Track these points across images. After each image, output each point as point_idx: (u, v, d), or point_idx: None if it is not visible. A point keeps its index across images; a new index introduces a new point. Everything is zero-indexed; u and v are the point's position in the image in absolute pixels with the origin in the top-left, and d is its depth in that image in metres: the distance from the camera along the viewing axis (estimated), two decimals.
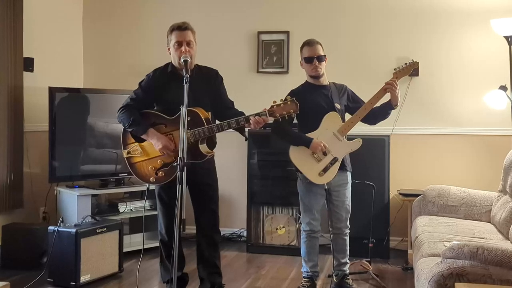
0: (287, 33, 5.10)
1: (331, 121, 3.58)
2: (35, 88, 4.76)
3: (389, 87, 3.53)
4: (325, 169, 3.55)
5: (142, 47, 5.41)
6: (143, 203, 4.48)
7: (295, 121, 3.65)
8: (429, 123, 4.86)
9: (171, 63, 3.45)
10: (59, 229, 3.85)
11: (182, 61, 3.20)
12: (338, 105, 3.64)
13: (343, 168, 3.64)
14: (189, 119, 3.05)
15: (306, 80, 3.74)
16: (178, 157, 2.83)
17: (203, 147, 3.32)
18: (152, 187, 3.54)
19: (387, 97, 3.58)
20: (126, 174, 4.65)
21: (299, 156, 3.58)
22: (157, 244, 3.93)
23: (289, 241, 4.76)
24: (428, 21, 4.85)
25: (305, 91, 3.66)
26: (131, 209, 4.78)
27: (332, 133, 3.57)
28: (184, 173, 2.79)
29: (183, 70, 3.14)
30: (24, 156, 4.64)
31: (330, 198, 3.68)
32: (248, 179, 4.85)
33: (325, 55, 3.65)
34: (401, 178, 4.78)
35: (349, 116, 3.68)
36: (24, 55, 4.62)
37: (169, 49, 3.40)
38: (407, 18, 4.89)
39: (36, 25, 4.86)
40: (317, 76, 3.65)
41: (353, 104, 3.72)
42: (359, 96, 3.77)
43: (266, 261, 4.55)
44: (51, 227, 3.90)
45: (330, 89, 3.69)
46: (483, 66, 4.73)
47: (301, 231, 3.84)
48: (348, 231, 3.77)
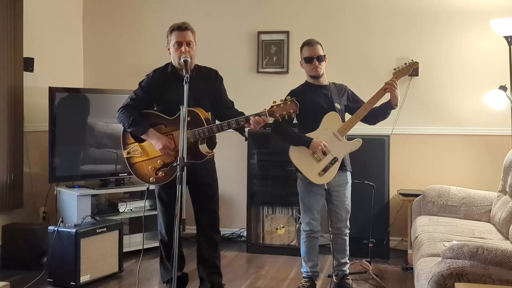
0: (287, 33, 5.10)
1: (331, 121, 3.58)
2: (35, 88, 4.76)
3: (388, 87, 3.53)
4: (325, 169, 3.55)
5: (142, 47, 5.41)
6: (143, 203, 4.48)
7: (295, 121, 3.65)
8: (429, 123, 4.86)
9: (171, 63, 3.45)
10: (59, 229, 3.85)
11: (182, 61, 3.20)
12: (338, 105, 3.64)
13: (343, 168, 3.64)
14: (189, 119, 3.05)
15: (306, 80, 3.74)
16: (178, 157, 2.83)
17: (203, 147, 3.32)
18: (152, 187, 3.54)
19: (387, 97, 3.58)
20: (126, 174, 4.65)
21: (299, 156, 3.58)
22: (157, 244, 3.93)
23: (289, 241, 4.76)
24: (428, 21, 4.85)
25: (305, 91, 3.66)
26: (131, 209, 4.78)
27: (332, 133, 3.57)
28: (184, 173, 2.79)
29: (183, 70, 3.14)
30: (24, 156, 4.64)
31: (330, 198, 3.69)
32: (248, 179, 4.85)
33: (325, 55, 3.65)
34: (401, 178, 4.78)
35: (349, 116, 3.68)
36: (24, 55, 4.62)
37: (169, 49, 3.40)
38: (407, 18, 4.89)
39: (36, 25, 4.86)
40: (317, 76, 3.65)
41: (353, 104, 3.72)
42: (359, 96, 3.77)
43: (266, 261, 4.55)
44: (51, 227, 3.90)
45: (330, 89, 3.69)
46: (483, 66, 4.73)
47: (301, 231, 3.84)
48: (348, 231, 3.77)
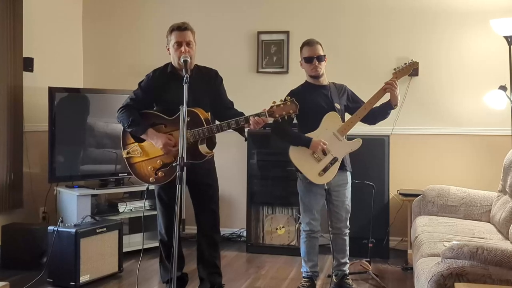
0: (287, 33, 5.10)
1: (331, 121, 3.58)
2: (35, 88, 4.76)
3: (388, 87, 3.53)
4: (325, 169, 3.55)
5: (142, 47, 5.41)
6: (143, 203, 4.46)
7: (295, 121, 3.65)
8: (428, 123, 4.86)
9: (170, 63, 3.45)
10: (59, 229, 3.85)
11: (182, 61, 3.20)
12: (338, 105, 3.64)
13: (343, 168, 3.64)
14: (188, 120, 3.05)
15: (306, 80, 3.74)
16: (177, 157, 2.83)
17: (202, 148, 3.32)
18: (152, 187, 3.54)
19: (386, 97, 3.58)
20: (126, 174, 4.65)
21: (299, 156, 3.58)
22: (156, 244, 3.93)
23: (288, 241, 4.76)
24: (427, 21, 4.85)
25: (304, 91, 3.66)
26: (131, 209, 4.78)
27: (332, 133, 3.57)
28: (184, 173, 2.79)
29: (183, 70, 3.14)
30: (24, 156, 4.63)
31: (330, 198, 3.68)
32: (248, 179, 4.85)
33: (325, 55, 3.65)
34: (401, 178, 4.78)
35: (348, 116, 3.68)
36: (24, 55, 4.62)
37: (168, 49, 3.40)
38: (407, 18, 4.89)
39: (36, 25, 4.86)
40: (317, 76, 3.65)
41: (353, 104, 3.72)
42: (359, 96, 3.77)
43: (265, 261, 4.55)
44: (50, 227, 3.90)
45: (329, 89, 3.69)
46: (483, 66, 4.73)
47: (300, 231, 3.84)
48: (348, 231, 3.77)
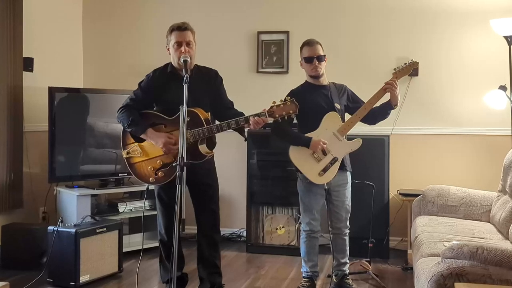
0: (287, 33, 5.10)
1: (331, 121, 3.58)
2: (35, 88, 4.76)
3: (388, 87, 3.53)
4: (325, 169, 3.55)
5: (142, 47, 5.41)
6: (143, 203, 4.45)
7: (295, 121, 3.65)
8: (428, 123, 4.86)
9: (170, 63, 3.45)
10: (59, 229, 3.85)
11: (182, 61, 3.20)
12: (338, 105, 3.64)
13: (343, 168, 3.64)
14: (188, 120, 3.05)
15: (306, 80, 3.74)
16: (177, 157, 2.83)
17: (202, 148, 3.32)
18: (152, 187, 3.54)
19: (387, 97, 3.58)
20: (126, 174, 4.65)
21: (299, 156, 3.58)
22: (156, 244, 3.93)
23: (288, 241, 4.76)
24: (427, 21, 4.85)
25: (304, 91, 3.66)
26: (131, 209, 4.78)
27: (332, 133, 3.57)
28: (184, 173, 2.79)
29: (183, 70, 3.13)
30: (23, 156, 4.63)
31: (330, 198, 3.68)
32: (248, 179, 4.84)
33: (325, 55, 3.65)
34: (400, 178, 4.78)
35: (348, 116, 3.68)
36: (24, 55, 4.61)
37: (168, 49, 3.40)
38: (407, 18, 4.89)
39: (36, 25, 4.86)
40: (317, 76, 3.65)
41: (353, 104, 3.72)
42: (359, 96, 3.77)
43: (265, 261, 4.55)
44: (50, 227, 3.90)
45: (330, 89, 3.69)
46: (483, 66, 4.73)
47: (300, 231, 3.84)
48: (347, 231, 3.77)
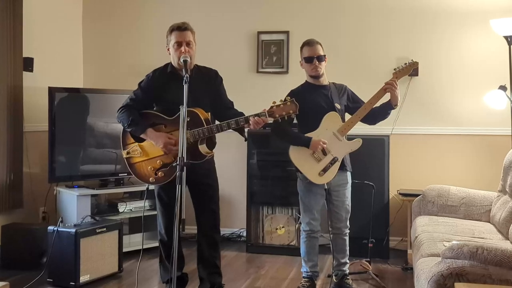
0: (287, 33, 5.10)
1: (331, 121, 3.58)
2: (35, 88, 4.76)
3: (389, 87, 3.53)
4: (325, 169, 3.55)
5: (142, 47, 5.40)
6: (143, 203, 4.46)
7: (295, 121, 3.65)
8: (429, 123, 4.86)
9: (170, 63, 3.45)
10: (59, 229, 3.85)
11: (182, 61, 3.20)
12: (338, 105, 3.64)
13: (343, 168, 3.64)
14: (188, 120, 3.05)
15: (306, 80, 3.74)
16: (177, 157, 2.83)
17: (202, 148, 3.31)
18: (152, 187, 3.54)
19: (387, 97, 3.58)
20: (126, 174, 4.65)
21: (299, 156, 3.58)
22: (156, 244, 3.93)
23: (288, 241, 4.76)
24: (427, 21, 4.85)
25: (305, 91, 3.66)
26: (131, 209, 4.78)
27: (332, 133, 3.57)
28: (184, 173, 2.79)
29: (183, 70, 3.13)
30: (23, 156, 4.63)
31: (330, 198, 3.68)
32: (248, 179, 4.84)
33: (325, 55, 3.65)
34: (401, 178, 4.77)
35: (349, 116, 3.68)
36: (24, 55, 4.61)
37: (168, 49, 3.40)
38: (407, 18, 4.89)
39: (36, 25, 4.86)
40: (317, 76, 3.65)
41: (353, 104, 3.72)
42: (359, 96, 3.77)
43: (265, 261, 4.55)
44: (50, 227, 3.90)
45: (330, 89, 3.69)
46: (483, 66, 4.73)
47: (300, 231, 3.84)
48: (348, 231, 3.77)
